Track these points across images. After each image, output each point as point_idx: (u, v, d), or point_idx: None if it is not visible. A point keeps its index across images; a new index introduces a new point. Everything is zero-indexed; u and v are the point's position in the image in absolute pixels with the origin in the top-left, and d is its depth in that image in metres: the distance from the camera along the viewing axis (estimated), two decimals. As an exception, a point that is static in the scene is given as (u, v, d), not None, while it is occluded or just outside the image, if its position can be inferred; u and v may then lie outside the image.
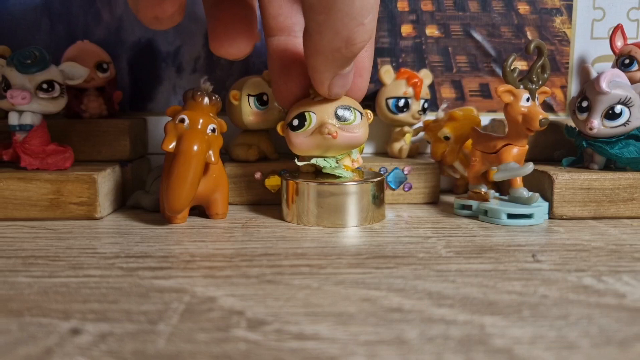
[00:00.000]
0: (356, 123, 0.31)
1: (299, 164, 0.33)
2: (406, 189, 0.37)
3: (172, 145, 0.30)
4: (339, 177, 0.32)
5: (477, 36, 0.43)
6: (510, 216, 0.31)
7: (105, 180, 0.34)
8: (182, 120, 0.30)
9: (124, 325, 0.18)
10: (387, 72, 0.39)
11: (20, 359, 0.16)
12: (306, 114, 0.31)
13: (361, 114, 0.31)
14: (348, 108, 0.31)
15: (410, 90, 0.38)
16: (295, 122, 0.31)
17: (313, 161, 0.32)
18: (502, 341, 0.17)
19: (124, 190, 0.37)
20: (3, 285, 0.21)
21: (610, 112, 0.33)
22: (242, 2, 0.28)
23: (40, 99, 0.33)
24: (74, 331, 0.17)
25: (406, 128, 0.39)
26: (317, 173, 0.33)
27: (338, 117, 0.31)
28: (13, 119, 0.33)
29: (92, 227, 0.31)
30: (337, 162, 0.32)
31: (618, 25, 0.38)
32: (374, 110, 0.39)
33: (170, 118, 0.31)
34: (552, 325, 0.18)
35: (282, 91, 0.32)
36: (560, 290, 0.21)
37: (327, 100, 0.31)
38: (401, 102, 0.38)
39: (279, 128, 0.32)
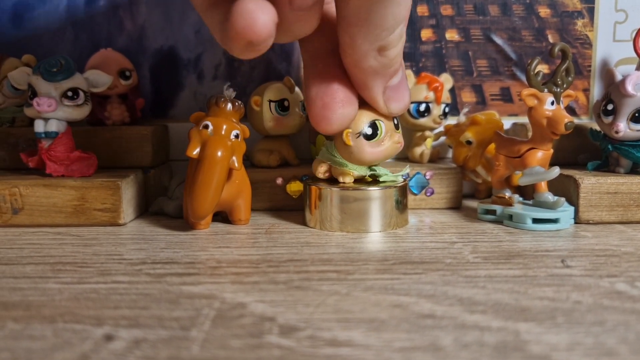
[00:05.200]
0: (400, 131, 0.31)
1: (356, 174, 0.31)
2: (428, 194, 0.37)
3: (197, 151, 0.30)
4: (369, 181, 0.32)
5: (498, 40, 0.42)
6: (536, 221, 0.31)
7: (129, 187, 0.34)
8: (206, 127, 0.30)
9: (157, 332, 0.18)
10: (407, 77, 0.38)
11: (56, 364, 0.16)
12: (377, 122, 0.29)
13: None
14: (396, 117, 0.31)
15: (431, 95, 0.38)
16: (370, 131, 0.29)
17: (372, 171, 0.31)
18: (538, 348, 0.16)
19: (147, 196, 0.37)
20: (34, 291, 0.22)
21: (637, 114, 0.32)
22: None
23: (66, 107, 0.33)
24: (108, 337, 0.17)
25: (427, 133, 0.39)
26: (334, 179, 0.32)
27: (395, 125, 0.31)
28: (39, 127, 0.33)
29: (116, 234, 0.31)
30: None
31: (642, 27, 0.38)
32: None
33: (194, 124, 0.31)
34: (588, 331, 0.18)
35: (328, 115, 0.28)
36: (594, 296, 0.21)
37: None
38: (422, 107, 0.38)
39: (345, 137, 0.29)
